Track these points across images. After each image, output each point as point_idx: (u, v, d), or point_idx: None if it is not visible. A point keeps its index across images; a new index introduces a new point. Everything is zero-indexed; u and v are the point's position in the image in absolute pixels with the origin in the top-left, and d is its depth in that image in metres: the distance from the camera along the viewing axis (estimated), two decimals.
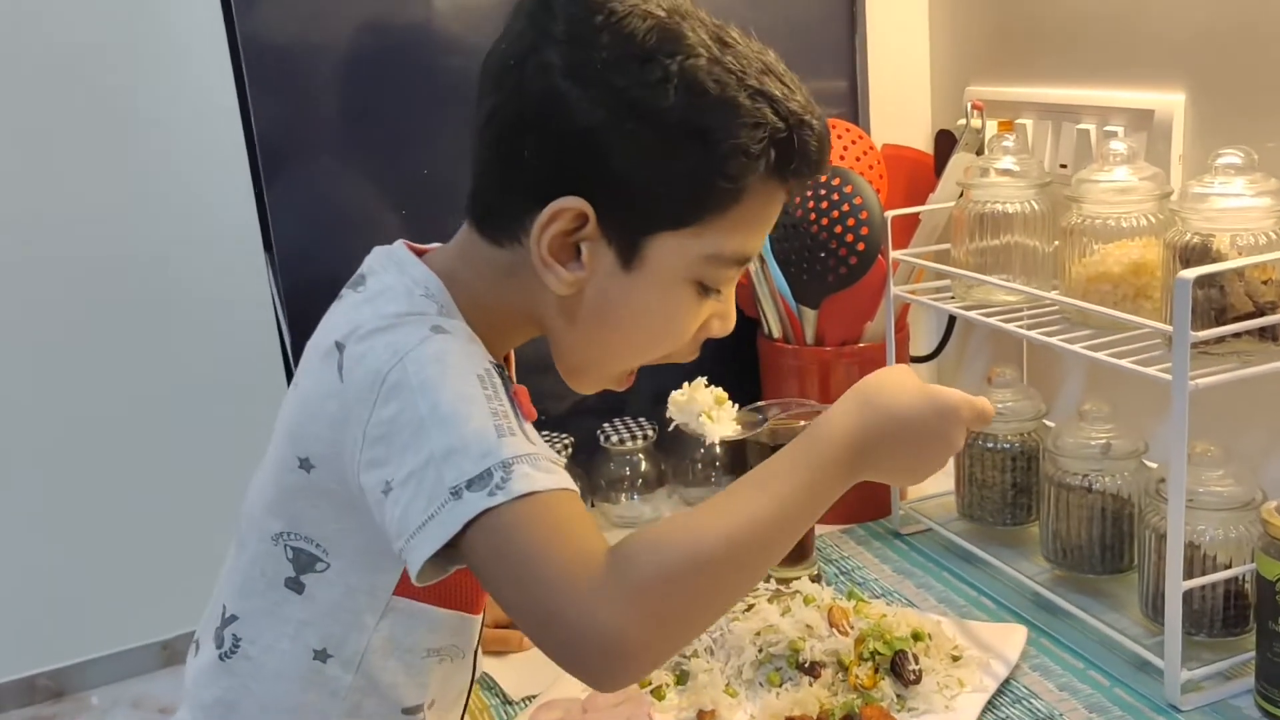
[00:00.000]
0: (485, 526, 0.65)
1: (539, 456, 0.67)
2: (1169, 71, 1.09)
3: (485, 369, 0.71)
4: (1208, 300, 0.89)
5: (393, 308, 0.75)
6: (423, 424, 0.68)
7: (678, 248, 0.75)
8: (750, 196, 0.74)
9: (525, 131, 0.74)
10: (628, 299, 0.76)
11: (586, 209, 0.73)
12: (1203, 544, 0.94)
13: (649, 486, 1.33)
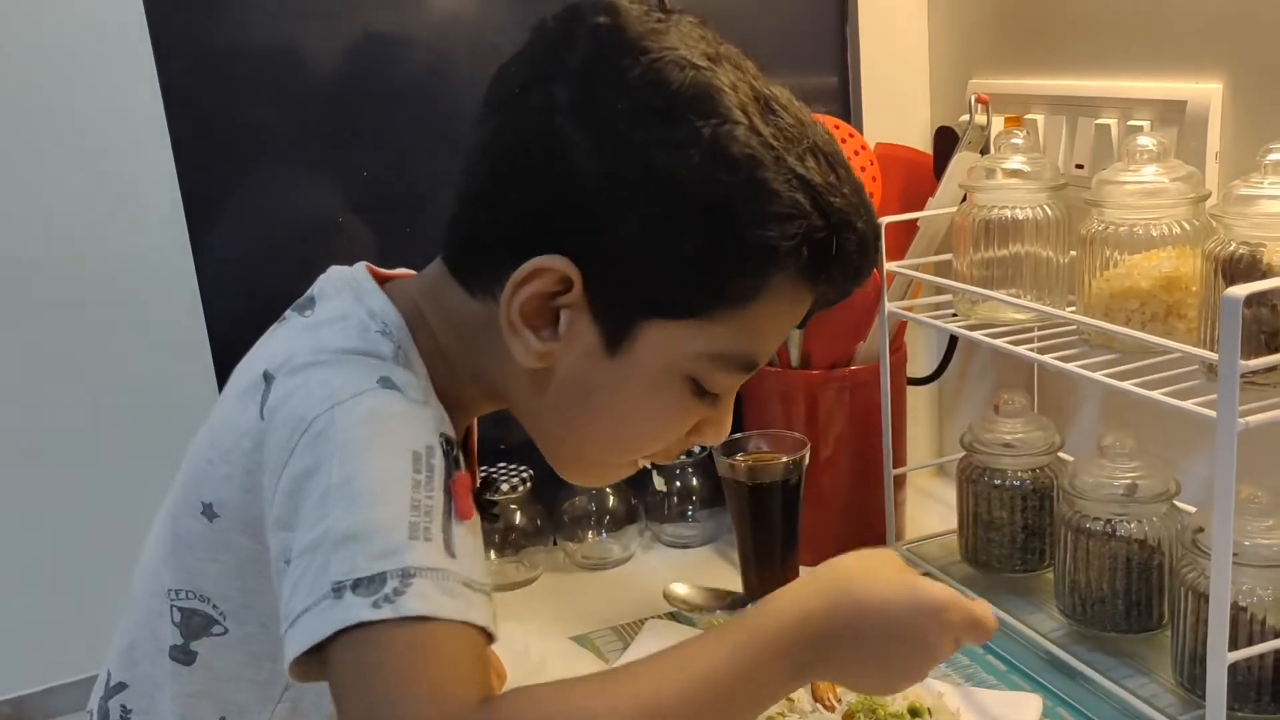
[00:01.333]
0: (356, 639, 0.54)
1: (449, 574, 0.56)
2: (1204, 57, 0.98)
3: (429, 445, 0.60)
4: (1256, 322, 0.77)
5: (339, 341, 0.66)
6: (329, 493, 0.58)
7: (675, 339, 0.65)
8: (771, 296, 0.65)
9: (517, 171, 0.65)
10: (606, 387, 0.67)
11: (573, 273, 0.63)
12: (1249, 605, 0.82)
13: (618, 523, 1.23)
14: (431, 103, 1.14)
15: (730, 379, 0.69)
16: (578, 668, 1.01)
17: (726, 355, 0.67)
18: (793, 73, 1.27)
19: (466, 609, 0.56)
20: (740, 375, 0.69)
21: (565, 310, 0.65)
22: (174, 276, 1.11)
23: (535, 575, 1.20)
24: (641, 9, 0.64)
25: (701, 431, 0.72)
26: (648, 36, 0.63)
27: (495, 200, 0.66)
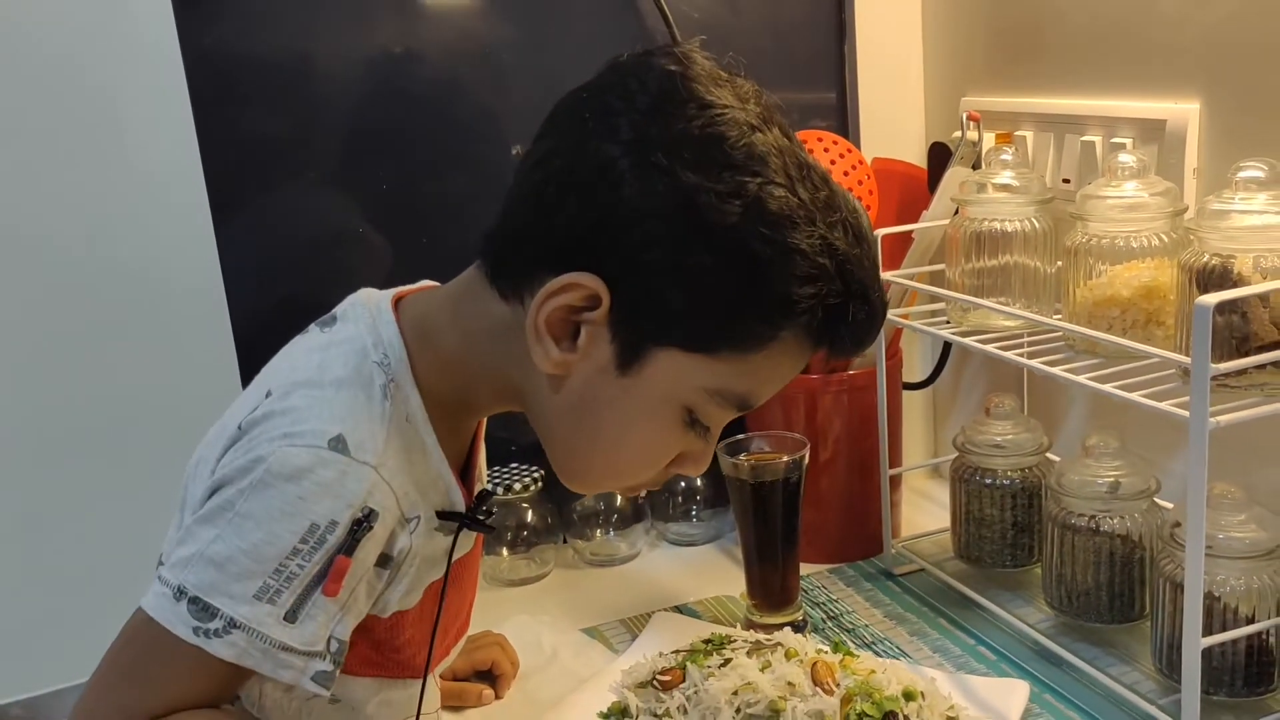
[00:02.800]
0: (153, 631, 0.67)
1: (268, 639, 0.67)
2: (1183, 78, 1.02)
3: (332, 520, 0.68)
4: (1229, 328, 0.81)
5: (338, 369, 0.72)
6: (229, 510, 0.68)
7: (683, 370, 0.70)
8: (779, 347, 0.70)
9: (569, 190, 0.68)
10: (610, 401, 0.71)
11: (603, 292, 0.68)
12: (1223, 595, 0.86)
13: (625, 522, 1.26)
14: (448, 119, 1.17)
15: (723, 414, 0.73)
16: (589, 656, 1.06)
17: (725, 392, 0.71)
18: (793, 89, 1.31)
19: (269, 666, 0.68)
20: (732, 412, 0.73)
21: (587, 326, 0.69)
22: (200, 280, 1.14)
23: (546, 571, 1.24)
24: (711, 65, 0.69)
25: (683, 463, 0.76)
26: (713, 91, 0.67)
27: (543, 212, 0.69)
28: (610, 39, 1.22)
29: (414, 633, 0.79)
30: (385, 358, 0.73)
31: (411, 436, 0.73)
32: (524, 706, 0.99)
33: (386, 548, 0.72)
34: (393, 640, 0.77)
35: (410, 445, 0.73)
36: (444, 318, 0.75)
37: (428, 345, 0.75)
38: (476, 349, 0.75)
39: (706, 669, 0.92)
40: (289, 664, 0.69)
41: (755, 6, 1.27)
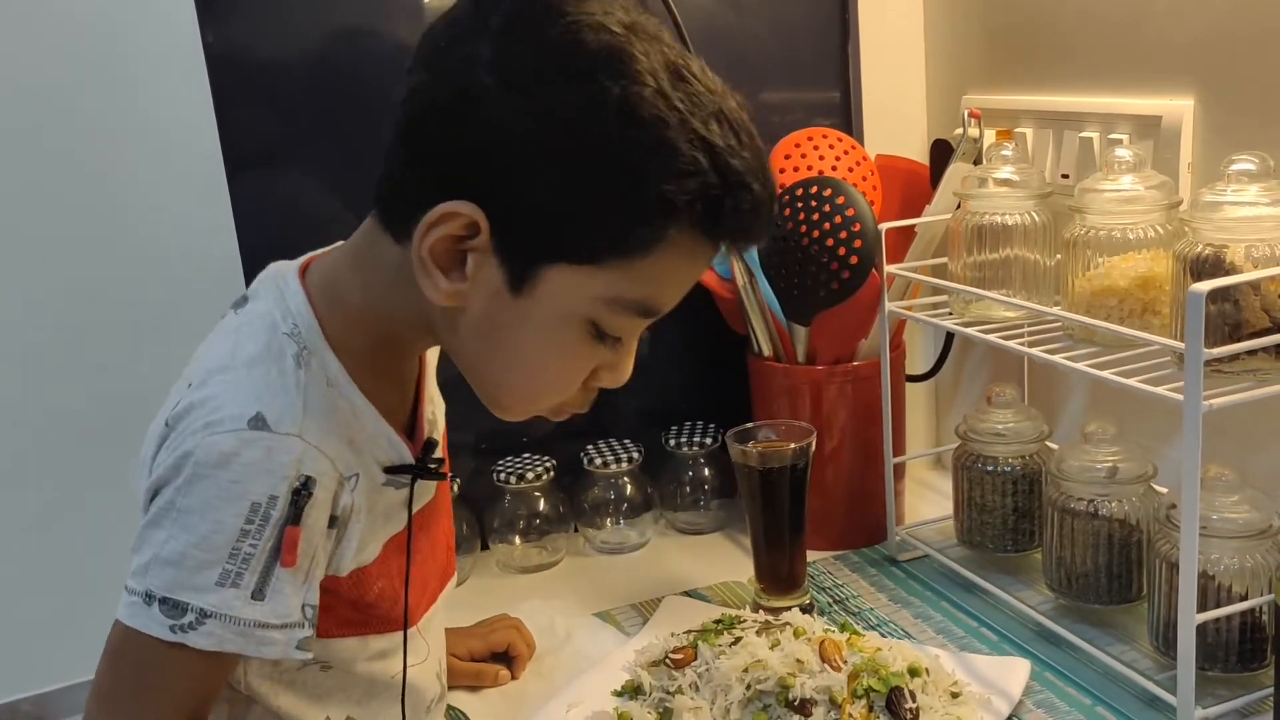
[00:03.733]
0: (133, 638, 0.68)
1: (240, 620, 0.68)
2: (1177, 76, 1.04)
3: (271, 495, 0.68)
4: (1221, 315, 0.84)
5: (249, 347, 0.72)
6: (171, 510, 0.69)
7: (575, 283, 0.69)
8: (669, 248, 0.69)
9: (436, 122, 0.68)
10: (512, 326, 0.72)
11: (480, 219, 0.68)
12: (1217, 574, 0.89)
13: (635, 511, 1.29)
14: None
15: (628, 323, 0.73)
16: (601, 639, 1.08)
17: (624, 300, 0.70)
18: (797, 88, 1.34)
19: (253, 647, 0.69)
20: (638, 320, 0.73)
21: (473, 254, 0.69)
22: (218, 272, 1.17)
23: (558, 559, 1.27)
24: None
25: (599, 376, 0.76)
26: (568, 1, 0.66)
27: (414, 148, 0.69)
28: None
29: (384, 586, 0.79)
30: (295, 327, 0.73)
31: (337, 399, 0.73)
32: (539, 686, 1.01)
33: (334, 509, 0.72)
34: (363, 597, 0.78)
35: (337, 408, 0.73)
36: (347, 274, 0.76)
37: (336, 305, 0.75)
38: (383, 298, 0.75)
39: (717, 648, 0.95)
40: (270, 640, 0.70)
41: (760, 7, 1.30)
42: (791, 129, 1.25)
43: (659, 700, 0.93)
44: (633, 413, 1.35)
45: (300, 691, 0.79)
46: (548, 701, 0.97)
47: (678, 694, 0.93)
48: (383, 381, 0.77)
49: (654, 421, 1.33)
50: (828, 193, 1.12)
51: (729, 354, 1.30)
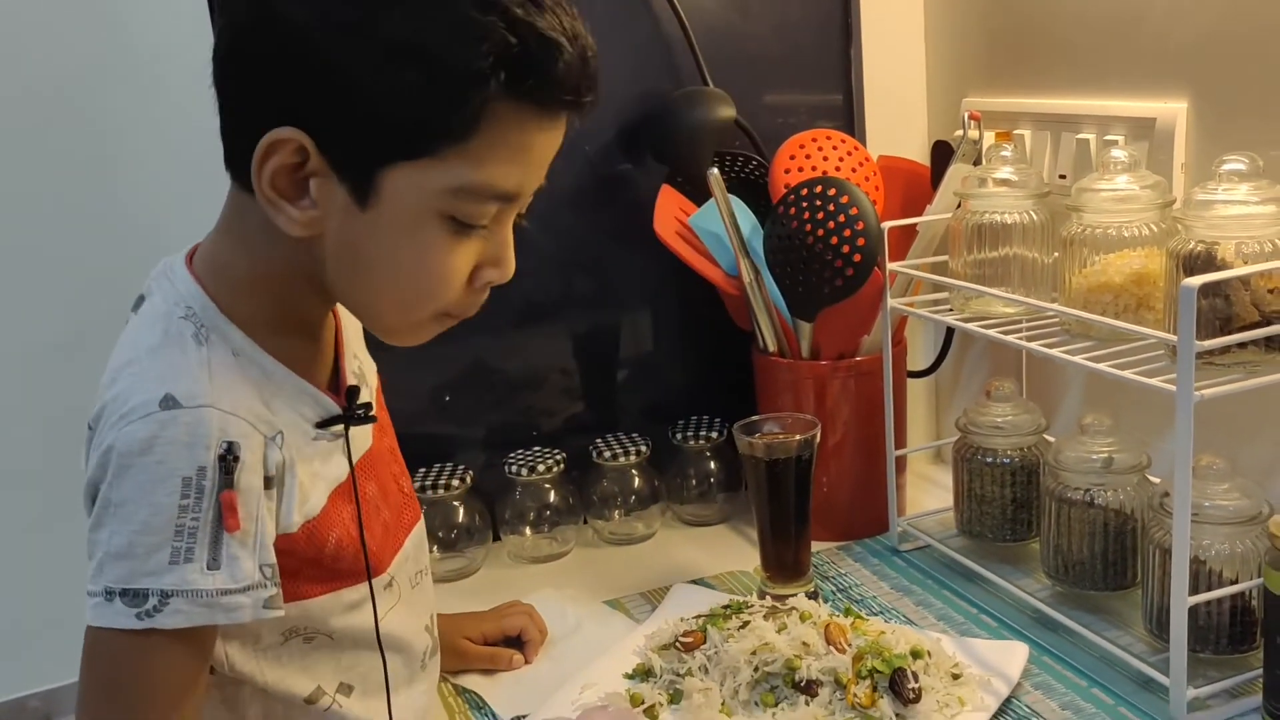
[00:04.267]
0: (105, 638, 0.69)
1: (201, 593, 0.69)
2: (1171, 79, 1.08)
3: (200, 467, 0.68)
4: (1212, 310, 0.87)
5: (149, 338, 0.73)
6: (108, 507, 0.69)
7: (416, 181, 0.69)
8: (493, 122, 0.68)
9: (241, 58, 0.70)
10: (371, 239, 0.72)
11: (304, 140, 0.68)
12: (1208, 559, 0.92)
13: (642, 503, 1.32)
14: None
15: (484, 209, 0.72)
16: (611, 625, 1.12)
17: (470, 187, 0.70)
18: (802, 91, 1.37)
19: (223, 616, 0.69)
20: (493, 205, 0.72)
21: (313, 178, 0.69)
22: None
23: (567, 550, 1.30)
24: None
25: (484, 273, 0.76)
26: None
27: (227, 95, 0.71)
28: (627, 44, 1.29)
29: (340, 536, 0.79)
30: (189, 309, 0.74)
31: (247, 366, 0.74)
32: (552, 670, 1.04)
33: (266, 470, 0.73)
34: (321, 551, 0.78)
35: (247, 375, 0.74)
36: (227, 245, 0.77)
37: (224, 279, 0.75)
38: (264, 257, 0.75)
39: (726, 631, 0.98)
40: (237, 605, 0.70)
41: (766, 13, 1.33)
42: (796, 130, 1.29)
43: (669, 682, 0.97)
44: (640, 408, 1.38)
45: (287, 665, 0.79)
46: (561, 683, 1.00)
47: (688, 676, 0.96)
48: (292, 341, 0.78)
49: (661, 416, 1.36)
50: (832, 192, 1.15)
51: (733, 351, 1.34)
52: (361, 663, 0.83)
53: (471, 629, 1.07)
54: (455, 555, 1.25)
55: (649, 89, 1.29)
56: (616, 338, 1.38)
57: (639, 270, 1.35)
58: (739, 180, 1.30)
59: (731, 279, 1.25)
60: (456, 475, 1.24)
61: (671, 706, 0.95)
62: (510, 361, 1.33)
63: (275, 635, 0.78)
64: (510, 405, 1.34)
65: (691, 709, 0.93)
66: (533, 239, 1.29)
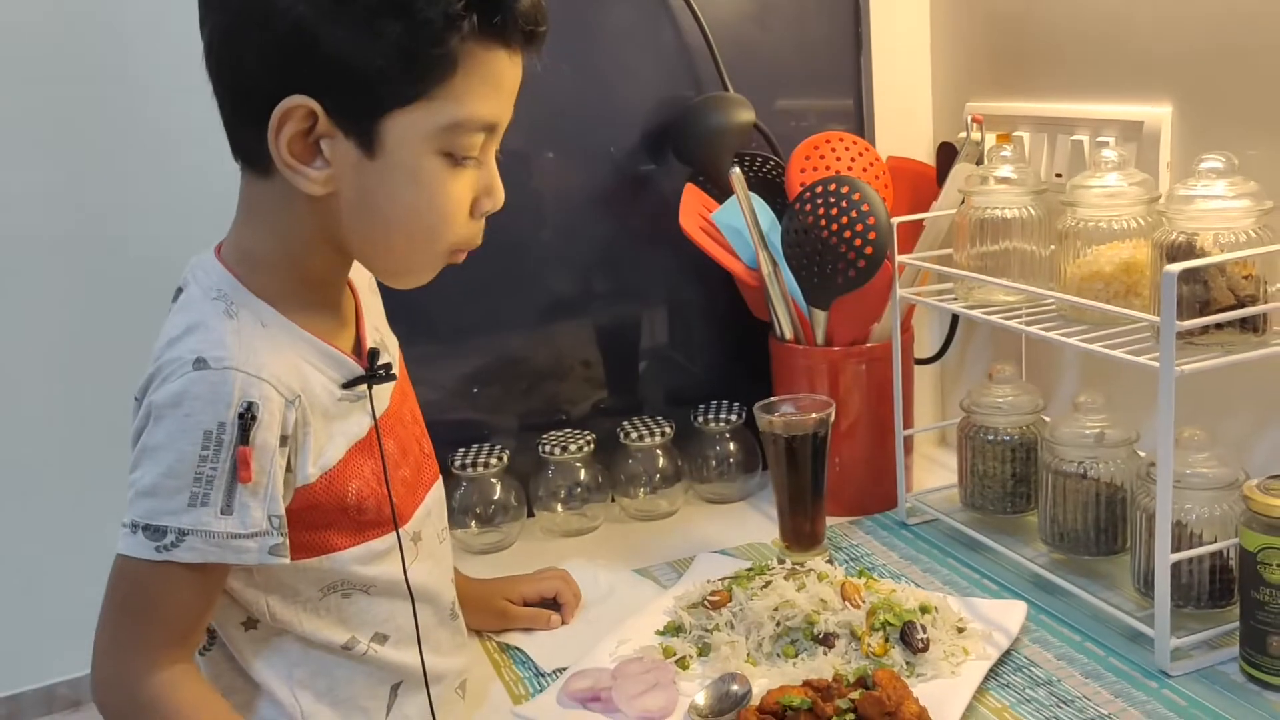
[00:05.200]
0: (127, 565, 0.78)
1: (214, 534, 0.77)
2: (1157, 86, 1.16)
3: (221, 422, 0.77)
4: (1192, 294, 0.96)
5: (186, 318, 0.81)
6: (144, 451, 0.78)
7: (413, 124, 0.78)
8: (468, 61, 0.77)
9: (239, 46, 0.77)
10: (382, 185, 0.80)
11: (313, 105, 0.76)
12: (1189, 522, 1.01)
13: (666, 481, 1.40)
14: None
15: (473, 140, 0.80)
16: (641, 590, 1.20)
17: (459, 122, 0.78)
18: (816, 96, 1.46)
19: (232, 556, 0.78)
20: (480, 135, 0.81)
21: (324, 140, 0.78)
22: None
23: (596, 525, 1.39)
24: None
25: (481, 205, 0.84)
26: None
27: (235, 80, 0.79)
28: (653, 52, 1.38)
29: (360, 487, 0.86)
30: (219, 291, 0.82)
31: (275, 334, 0.82)
32: (588, 629, 1.13)
33: (283, 429, 0.80)
34: (342, 500, 0.85)
35: (275, 343, 0.81)
36: (248, 232, 0.85)
37: (250, 262, 0.84)
38: (280, 232, 0.83)
39: (750, 591, 1.07)
40: (244, 548, 0.78)
41: (783, 24, 1.42)
42: (810, 133, 1.38)
43: (698, 637, 1.06)
44: (664, 393, 1.47)
45: (325, 617, 0.87)
46: (598, 640, 1.08)
47: (715, 631, 1.05)
48: (316, 312, 0.86)
49: (684, 401, 1.45)
50: (845, 190, 1.24)
51: (750, 339, 1.43)
52: (396, 614, 0.90)
53: (511, 591, 1.15)
54: (492, 529, 1.34)
55: (673, 95, 1.39)
56: (641, 328, 1.47)
57: (661, 265, 1.43)
58: (757, 179, 1.39)
59: (751, 271, 1.34)
60: (494, 455, 1.33)
61: (701, 658, 1.03)
62: (540, 352, 1.41)
63: (314, 590, 0.86)
64: (540, 393, 1.42)
65: (719, 660, 1.02)
66: (562, 236, 1.39)
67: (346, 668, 0.88)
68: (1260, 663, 0.94)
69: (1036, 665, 1.01)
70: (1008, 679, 0.99)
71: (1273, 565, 0.91)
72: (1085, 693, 0.96)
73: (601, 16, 1.36)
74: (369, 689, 0.90)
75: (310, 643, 0.87)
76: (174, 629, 0.80)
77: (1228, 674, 0.97)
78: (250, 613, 0.85)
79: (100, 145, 2.61)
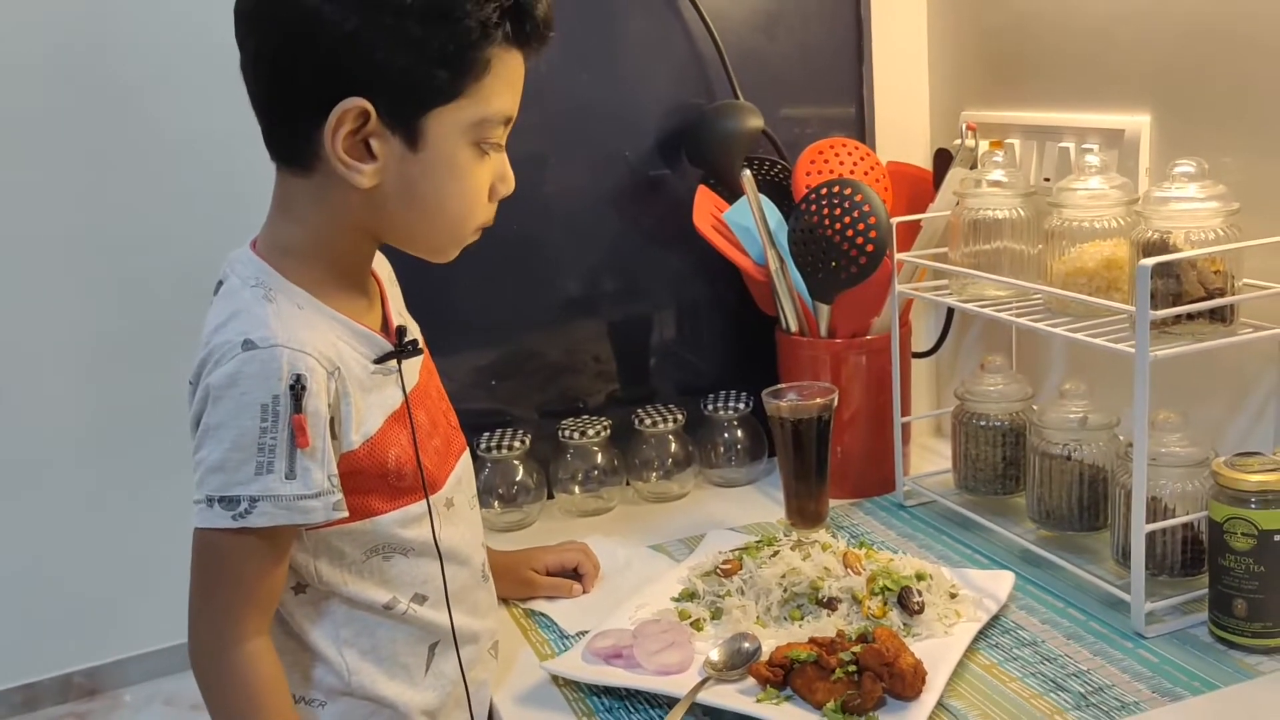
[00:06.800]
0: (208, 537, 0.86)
1: (282, 498, 0.84)
2: (1137, 97, 1.25)
3: (275, 395, 0.84)
4: (1166, 287, 1.05)
5: (230, 306, 0.88)
6: (206, 431, 0.85)
7: (451, 118, 0.86)
8: (498, 63, 0.87)
9: (292, 56, 0.84)
10: (425, 175, 0.88)
11: (366, 105, 0.84)
12: (1163, 497, 1.09)
13: (678, 466, 1.48)
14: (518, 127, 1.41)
15: (497, 132, 0.90)
16: (656, 563, 1.29)
17: (488, 116, 0.88)
18: (819, 104, 1.54)
19: (300, 516, 0.85)
20: (502, 128, 0.90)
21: (373, 138, 0.85)
22: None
23: (611, 506, 1.47)
24: None
25: (496, 190, 0.93)
26: None
27: (285, 87, 0.86)
28: (667, 61, 1.46)
29: (399, 454, 0.93)
30: (257, 280, 0.89)
31: (310, 316, 0.88)
32: (607, 597, 1.21)
33: (329, 398, 0.87)
34: (384, 467, 0.92)
35: (311, 323, 0.88)
36: (281, 225, 0.92)
37: (285, 252, 0.90)
38: (312, 224, 0.91)
39: (759, 560, 1.15)
40: (310, 509, 0.85)
41: (788, 34, 1.51)
42: (813, 139, 1.46)
43: (711, 602, 1.14)
44: (675, 383, 1.56)
45: (368, 579, 0.93)
46: (617, 605, 1.17)
47: (727, 596, 1.13)
48: (346, 296, 0.93)
49: (694, 390, 1.53)
50: (848, 191, 1.33)
51: (756, 333, 1.51)
52: (434, 576, 0.97)
53: (535, 561, 1.24)
54: (514, 509, 1.43)
55: (685, 102, 1.47)
56: (653, 322, 1.55)
57: (672, 263, 1.52)
58: (765, 182, 1.48)
59: (760, 267, 1.43)
60: (517, 439, 1.42)
61: (713, 621, 1.12)
62: (557, 346, 1.50)
63: (358, 552, 0.93)
64: (558, 384, 1.51)
65: (731, 622, 1.10)
66: (578, 236, 1.47)
67: (388, 628, 0.96)
68: (1227, 624, 1.03)
69: (1023, 629, 1.10)
70: (996, 640, 1.08)
71: (1238, 534, 1.00)
72: (1067, 652, 1.05)
73: (620, 28, 1.44)
74: (409, 648, 0.97)
75: (354, 603, 0.94)
76: (253, 595, 0.87)
77: (1197, 636, 1.06)
78: (300, 577, 0.93)
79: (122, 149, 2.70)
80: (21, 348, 2.73)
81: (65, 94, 2.64)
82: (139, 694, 2.95)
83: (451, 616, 0.98)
